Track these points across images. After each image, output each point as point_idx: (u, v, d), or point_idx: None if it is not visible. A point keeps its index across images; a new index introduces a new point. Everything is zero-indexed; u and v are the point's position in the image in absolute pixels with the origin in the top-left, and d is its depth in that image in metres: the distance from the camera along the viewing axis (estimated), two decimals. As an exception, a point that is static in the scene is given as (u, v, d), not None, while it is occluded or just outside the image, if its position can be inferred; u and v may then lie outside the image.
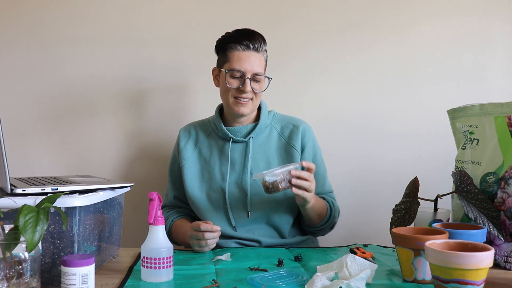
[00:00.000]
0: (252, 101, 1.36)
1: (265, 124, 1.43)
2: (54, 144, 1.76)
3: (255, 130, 1.40)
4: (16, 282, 0.81)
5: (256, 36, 1.35)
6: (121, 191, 1.18)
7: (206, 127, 1.48)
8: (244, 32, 1.35)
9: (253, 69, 1.33)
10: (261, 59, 1.36)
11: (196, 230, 1.20)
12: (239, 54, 1.33)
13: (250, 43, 1.33)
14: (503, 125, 1.10)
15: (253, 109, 1.39)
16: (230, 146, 1.39)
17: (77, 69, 1.75)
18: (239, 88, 1.33)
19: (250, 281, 0.94)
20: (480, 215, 1.06)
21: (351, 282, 0.86)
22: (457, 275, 0.79)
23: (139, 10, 1.76)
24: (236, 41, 1.33)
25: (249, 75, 1.33)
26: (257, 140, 1.41)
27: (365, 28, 1.77)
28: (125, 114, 1.76)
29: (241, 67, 1.32)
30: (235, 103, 1.35)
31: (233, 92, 1.35)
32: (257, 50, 1.34)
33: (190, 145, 1.45)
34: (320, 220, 1.36)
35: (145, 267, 0.96)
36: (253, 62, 1.33)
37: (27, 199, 0.89)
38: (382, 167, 1.77)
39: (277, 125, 1.45)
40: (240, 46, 1.33)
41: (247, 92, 1.33)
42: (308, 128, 1.45)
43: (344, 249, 1.28)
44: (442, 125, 1.50)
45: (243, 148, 1.40)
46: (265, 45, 1.38)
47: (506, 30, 1.77)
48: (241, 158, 1.39)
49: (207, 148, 1.43)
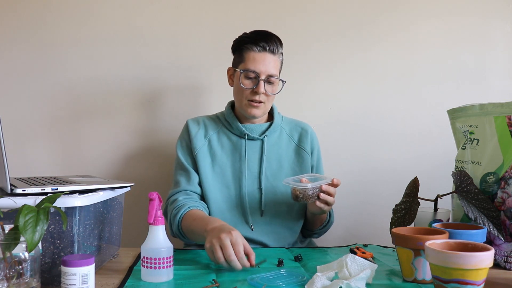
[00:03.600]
0: (265, 103, 1.36)
1: (277, 124, 1.44)
2: (54, 144, 1.76)
3: (270, 129, 1.42)
4: (16, 282, 0.81)
5: (273, 38, 1.35)
6: (121, 191, 1.18)
7: (215, 121, 1.46)
8: (262, 34, 1.35)
9: (267, 71, 1.32)
10: (276, 61, 1.35)
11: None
12: (255, 55, 1.33)
13: (267, 44, 1.32)
14: (503, 125, 1.10)
15: (264, 112, 1.40)
16: (246, 144, 1.40)
17: (77, 69, 1.75)
18: (253, 89, 1.33)
19: (250, 281, 0.94)
20: (480, 215, 1.06)
21: (351, 282, 0.86)
22: (457, 275, 0.79)
23: (141, 10, 1.75)
24: (252, 42, 1.33)
25: (263, 77, 1.32)
26: (270, 139, 1.42)
27: (365, 29, 1.77)
28: (126, 114, 1.76)
29: (256, 68, 1.32)
30: (248, 105, 1.35)
31: (247, 93, 1.34)
32: (273, 52, 1.34)
33: (200, 135, 1.41)
34: (320, 224, 1.40)
35: (145, 267, 0.96)
36: (268, 64, 1.33)
37: (27, 199, 0.89)
38: (382, 167, 1.77)
39: (286, 127, 1.48)
40: (257, 47, 1.32)
41: (260, 94, 1.33)
42: (314, 132, 1.50)
43: (344, 249, 1.27)
44: (442, 125, 1.50)
45: (259, 146, 1.40)
46: (281, 47, 1.37)
47: (506, 30, 1.78)
48: (256, 156, 1.39)
49: (217, 142, 1.41)
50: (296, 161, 1.42)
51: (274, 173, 1.39)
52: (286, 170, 1.41)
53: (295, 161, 1.42)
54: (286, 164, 1.41)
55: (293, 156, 1.43)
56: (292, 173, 1.40)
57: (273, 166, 1.39)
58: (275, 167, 1.39)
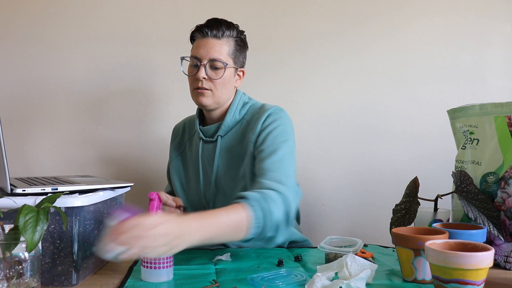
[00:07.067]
0: (212, 91, 1.27)
1: (233, 121, 1.31)
2: (54, 144, 1.76)
3: (221, 128, 1.31)
4: (16, 282, 0.81)
5: (218, 24, 1.27)
6: (121, 191, 1.18)
7: (193, 124, 1.44)
8: (208, 21, 1.29)
9: (209, 55, 1.24)
10: (222, 45, 1.26)
11: None
12: (198, 42, 1.29)
13: (209, 30, 1.26)
14: (503, 125, 1.10)
15: (216, 101, 1.29)
16: (201, 147, 1.35)
17: (77, 69, 1.75)
18: (195, 76, 1.27)
19: (250, 281, 0.94)
20: (480, 215, 1.06)
21: (351, 282, 0.86)
22: (457, 275, 0.79)
23: (140, 10, 1.75)
24: (197, 29, 1.29)
25: (204, 61, 1.25)
26: (226, 138, 1.32)
27: (364, 28, 1.77)
28: (126, 114, 1.77)
29: (197, 53, 1.27)
30: (194, 93, 1.29)
31: (191, 81, 1.29)
32: (217, 37, 1.26)
33: (177, 144, 1.45)
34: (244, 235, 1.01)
35: (145, 267, 0.96)
36: (211, 49, 1.25)
37: (27, 199, 0.89)
38: (382, 167, 1.77)
39: (249, 117, 1.32)
40: (200, 33, 1.28)
41: (201, 80, 1.25)
42: (278, 113, 1.27)
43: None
44: (442, 125, 1.50)
45: (213, 148, 1.33)
46: (230, 32, 1.28)
47: (505, 30, 1.77)
48: (211, 159, 1.33)
49: (189, 147, 1.42)
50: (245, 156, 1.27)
51: (231, 173, 1.29)
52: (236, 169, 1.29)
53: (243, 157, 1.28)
54: (237, 163, 1.29)
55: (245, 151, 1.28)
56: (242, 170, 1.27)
57: (230, 165, 1.30)
58: (232, 165, 1.29)
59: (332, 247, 1.07)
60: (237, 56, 1.31)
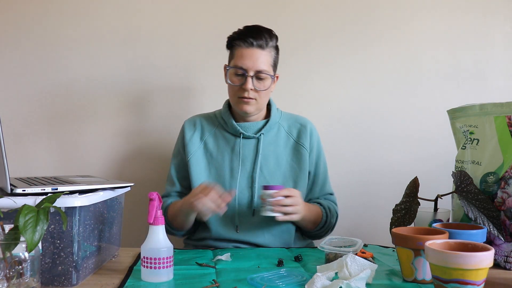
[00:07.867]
0: (257, 100, 1.33)
1: (275, 121, 1.42)
2: (54, 144, 1.76)
3: (266, 126, 1.40)
4: (16, 282, 0.81)
5: (262, 33, 1.31)
6: (121, 191, 1.18)
7: (212, 120, 1.45)
8: (250, 29, 1.32)
9: (256, 67, 1.30)
10: (266, 56, 1.31)
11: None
12: (243, 51, 1.31)
13: (254, 40, 1.29)
14: (503, 125, 1.10)
15: (258, 108, 1.37)
16: (241, 142, 1.39)
17: (77, 69, 1.75)
18: (241, 86, 1.31)
19: (250, 281, 0.93)
20: (480, 215, 1.06)
21: (351, 282, 0.86)
22: (457, 275, 0.79)
23: (139, 10, 1.75)
24: (240, 38, 1.31)
25: (251, 73, 1.30)
26: (267, 137, 1.40)
27: (365, 28, 1.77)
28: (126, 114, 1.77)
29: (243, 64, 1.30)
30: (239, 102, 1.34)
31: (236, 90, 1.33)
32: (262, 47, 1.30)
33: (195, 138, 1.42)
34: (314, 226, 1.38)
35: (145, 267, 0.96)
36: (256, 60, 1.30)
37: (27, 199, 0.89)
38: (382, 167, 1.77)
39: (284, 123, 1.45)
40: (244, 43, 1.30)
41: (249, 90, 1.31)
42: (314, 127, 1.47)
43: (344, 249, 1.27)
44: (442, 125, 1.50)
45: (254, 144, 1.39)
46: (272, 41, 1.33)
47: (506, 30, 1.78)
48: (251, 155, 1.38)
49: (214, 142, 1.41)
50: (295, 158, 1.41)
51: (271, 171, 1.38)
52: (284, 168, 1.39)
53: (294, 158, 1.41)
54: (284, 161, 1.40)
55: (291, 153, 1.41)
56: (291, 171, 1.39)
57: (270, 164, 1.38)
58: (272, 165, 1.38)
59: (332, 247, 1.07)
60: (276, 63, 1.38)
